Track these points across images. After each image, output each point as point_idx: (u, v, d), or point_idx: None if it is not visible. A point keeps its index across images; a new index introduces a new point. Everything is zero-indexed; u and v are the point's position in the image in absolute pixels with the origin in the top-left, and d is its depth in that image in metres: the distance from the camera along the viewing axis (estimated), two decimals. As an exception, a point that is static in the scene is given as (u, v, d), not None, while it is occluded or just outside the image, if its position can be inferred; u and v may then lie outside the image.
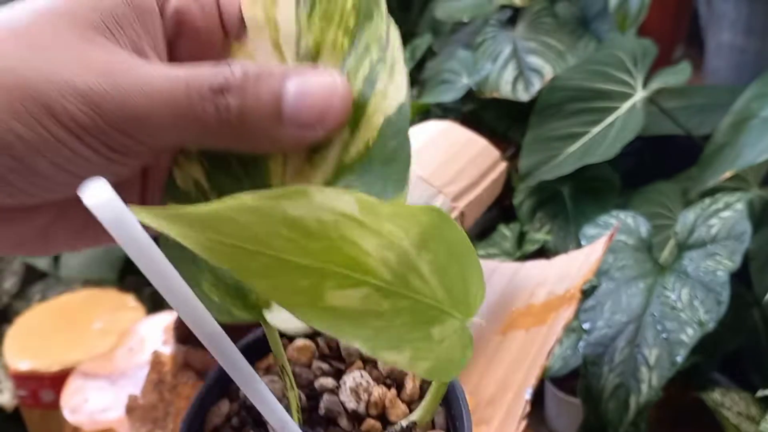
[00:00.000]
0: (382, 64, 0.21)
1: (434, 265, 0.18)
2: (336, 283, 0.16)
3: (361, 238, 0.17)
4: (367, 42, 0.22)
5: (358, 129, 0.21)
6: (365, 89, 0.21)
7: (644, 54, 1.04)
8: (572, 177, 1.07)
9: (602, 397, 0.76)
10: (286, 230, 0.16)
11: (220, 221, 0.15)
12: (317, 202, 0.16)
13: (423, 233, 0.17)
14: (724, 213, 0.82)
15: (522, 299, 0.71)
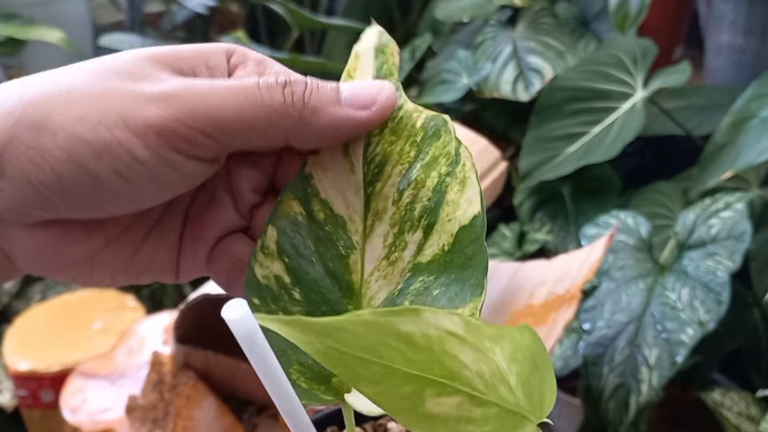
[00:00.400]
0: (451, 178, 0.23)
1: (520, 376, 0.20)
2: (435, 391, 0.18)
3: (461, 353, 0.18)
4: (435, 155, 0.24)
5: (431, 233, 0.23)
6: (436, 198, 0.23)
7: (644, 54, 1.04)
8: (572, 177, 1.07)
9: (602, 397, 0.76)
10: (395, 342, 0.18)
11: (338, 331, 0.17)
12: (426, 320, 0.18)
13: (515, 349, 0.20)
14: (724, 213, 0.82)
15: (522, 299, 0.71)
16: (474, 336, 0.19)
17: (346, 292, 0.24)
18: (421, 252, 0.23)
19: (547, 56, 1.12)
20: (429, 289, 0.22)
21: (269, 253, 0.24)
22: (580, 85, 1.06)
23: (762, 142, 0.83)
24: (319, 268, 0.24)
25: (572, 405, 0.95)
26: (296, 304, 0.24)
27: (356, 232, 0.24)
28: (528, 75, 1.11)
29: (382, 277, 0.24)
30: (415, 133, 0.24)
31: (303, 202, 0.25)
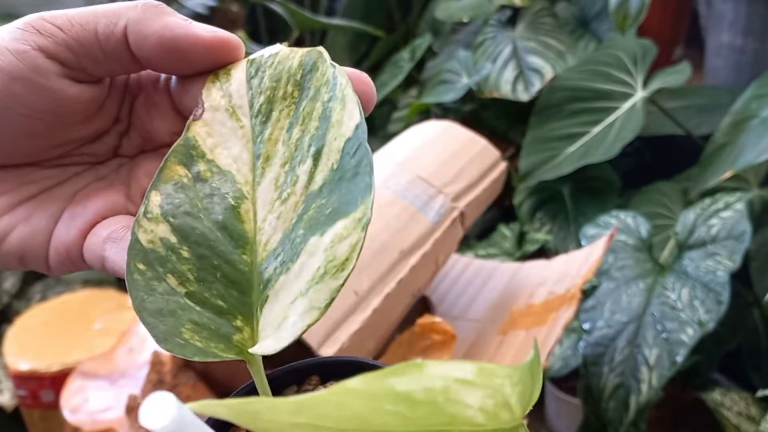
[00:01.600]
0: (333, 101, 0.24)
1: (521, 395, 0.19)
2: None
3: (467, 396, 0.17)
4: (316, 87, 0.24)
5: (320, 158, 0.23)
6: (322, 124, 0.24)
7: (644, 54, 1.04)
8: (572, 177, 1.07)
9: (602, 397, 0.76)
10: (391, 405, 0.16)
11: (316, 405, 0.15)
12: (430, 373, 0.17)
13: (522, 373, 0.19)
14: (724, 213, 0.82)
15: (522, 299, 0.71)
16: (486, 378, 0.17)
17: (239, 241, 0.24)
18: (312, 180, 0.23)
19: (547, 56, 1.12)
20: (321, 210, 0.22)
21: (153, 217, 0.24)
22: (580, 85, 1.06)
23: (762, 142, 0.83)
24: (208, 223, 0.24)
25: (572, 405, 0.95)
26: (185, 263, 0.24)
27: (246, 183, 0.25)
28: (528, 75, 1.11)
29: (276, 218, 0.24)
30: (294, 73, 0.25)
31: (188, 165, 0.25)
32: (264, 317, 0.23)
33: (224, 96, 0.26)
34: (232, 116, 0.25)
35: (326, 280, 0.22)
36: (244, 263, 0.24)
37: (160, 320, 0.23)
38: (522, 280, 0.75)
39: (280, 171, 0.24)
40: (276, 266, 0.23)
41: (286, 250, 0.23)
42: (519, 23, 1.19)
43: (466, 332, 0.68)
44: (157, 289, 0.23)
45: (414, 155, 0.66)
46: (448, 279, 0.77)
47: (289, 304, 0.22)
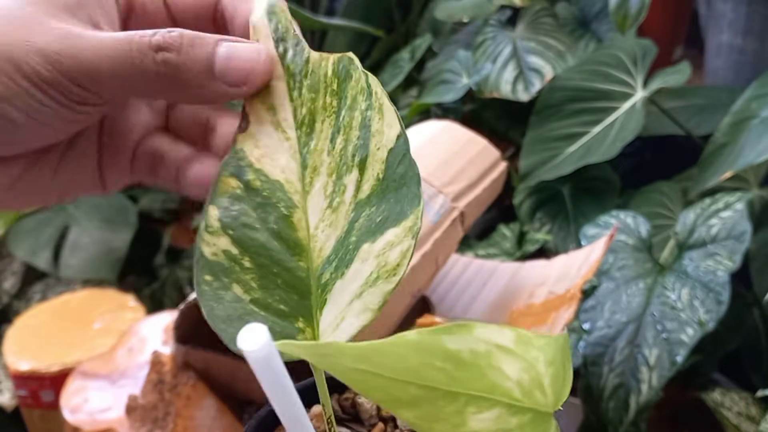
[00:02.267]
0: (371, 110, 0.25)
1: (553, 377, 0.20)
2: (476, 407, 0.18)
3: (506, 364, 0.18)
4: (353, 96, 0.25)
5: (366, 168, 0.25)
6: (363, 134, 0.25)
7: (644, 54, 1.04)
8: (572, 177, 1.07)
9: (602, 397, 0.76)
10: (441, 361, 0.17)
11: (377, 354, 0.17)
12: (476, 336, 0.18)
13: (554, 353, 0.20)
14: (724, 213, 0.82)
15: (522, 299, 0.71)
16: (523, 348, 0.19)
17: (295, 249, 0.25)
18: (360, 189, 0.24)
19: (547, 56, 1.12)
20: (372, 218, 0.24)
21: (214, 231, 0.25)
22: (580, 85, 1.06)
23: (762, 142, 0.83)
24: (264, 232, 0.25)
25: (572, 404, 0.95)
26: (248, 272, 0.25)
27: (296, 192, 0.25)
28: (528, 75, 1.11)
29: (327, 226, 0.25)
30: (330, 83, 0.26)
31: (238, 177, 0.26)
32: (324, 318, 0.24)
33: (269, 109, 0.26)
34: (277, 129, 0.26)
35: (379, 284, 0.23)
36: (301, 269, 0.25)
37: (230, 325, 0.24)
38: (522, 280, 0.75)
39: (328, 180, 0.25)
40: (331, 271, 0.24)
41: (340, 257, 0.24)
42: (519, 23, 1.19)
43: (466, 332, 0.68)
44: (224, 298, 0.24)
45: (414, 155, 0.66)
46: (448, 279, 0.77)
47: (346, 306, 0.23)
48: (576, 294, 0.64)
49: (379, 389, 0.16)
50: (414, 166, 0.25)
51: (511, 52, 1.14)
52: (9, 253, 1.22)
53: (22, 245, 1.20)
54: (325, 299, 0.24)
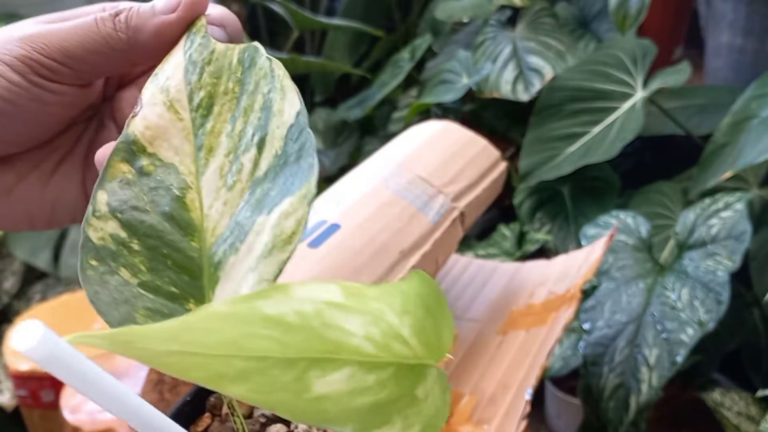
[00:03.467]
0: (273, 92, 0.25)
1: (414, 326, 0.18)
2: (321, 370, 0.16)
3: (345, 321, 0.17)
4: (256, 81, 0.26)
5: (264, 147, 0.25)
6: (264, 115, 0.25)
7: (644, 54, 1.04)
8: (572, 177, 1.07)
9: (602, 397, 0.76)
10: (264, 329, 0.16)
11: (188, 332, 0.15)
12: (299, 297, 0.17)
13: (405, 301, 0.18)
14: (724, 213, 0.82)
15: (522, 299, 0.71)
16: (357, 300, 0.17)
17: (187, 230, 0.25)
18: (258, 167, 0.24)
19: (546, 56, 1.12)
20: (268, 193, 0.24)
21: (101, 216, 0.25)
22: (579, 85, 1.06)
23: (762, 142, 0.83)
24: (155, 215, 0.25)
25: (572, 405, 0.95)
26: (136, 255, 0.25)
27: (189, 173, 0.26)
28: (528, 75, 1.11)
29: (223, 204, 0.25)
30: (235, 70, 0.27)
31: (130, 162, 0.26)
32: (217, 297, 0.24)
33: (162, 91, 0.27)
34: (170, 109, 0.27)
35: (274, 254, 0.22)
36: (193, 250, 0.25)
37: (114, 309, 0.24)
38: (522, 280, 0.75)
39: (225, 160, 0.25)
40: (225, 249, 0.24)
41: (235, 233, 0.24)
42: (519, 23, 1.19)
43: (466, 332, 0.68)
44: (110, 282, 0.24)
45: (414, 155, 0.66)
46: (448, 279, 0.78)
47: (240, 281, 0.23)
48: (576, 294, 0.64)
49: (199, 368, 0.15)
50: (310, 138, 0.24)
51: (511, 52, 1.14)
52: (9, 253, 1.22)
53: (22, 245, 1.20)
54: (218, 277, 0.23)
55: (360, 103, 1.31)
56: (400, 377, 0.17)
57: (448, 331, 0.19)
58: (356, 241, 0.55)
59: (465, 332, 0.67)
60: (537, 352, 0.62)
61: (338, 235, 0.55)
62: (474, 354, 0.65)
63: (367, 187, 0.61)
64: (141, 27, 0.29)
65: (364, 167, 0.66)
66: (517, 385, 0.59)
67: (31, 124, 0.30)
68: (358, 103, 1.31)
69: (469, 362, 0.64)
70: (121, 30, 0.29)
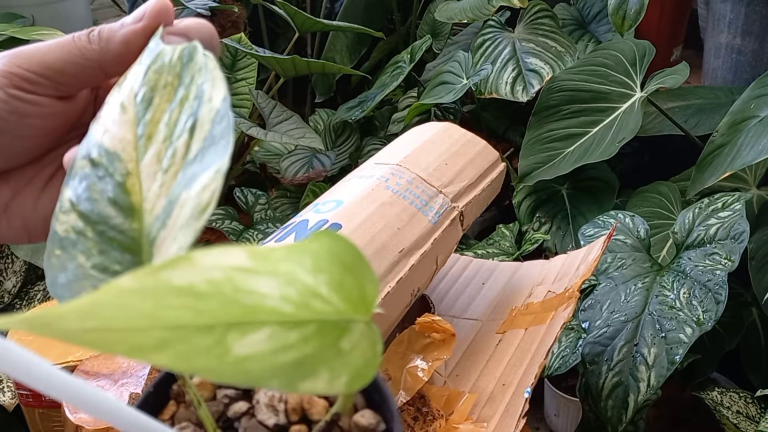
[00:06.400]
0: (206, 83, 0.28)
1: (332, 283, 0.19)
2: (239, 333, 0.16)
3: (258, 284, 0.17)
4: (192, 74, 0.29)
5: (195, 131, 0.27)
6: (197, 104, 0.28)
7: (643, 55, 1.04)
8: (571, 177, 1.07)
9: (601, 396, 0.77)
10: (176, 299, 0.16)
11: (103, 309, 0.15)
12: (204, 265, 0.17)
13: (317, 260, 0.19)
14: (722, 213, 0.82)
15: (521, 298, 0.71)
16: (265, 263, 0.18)
17: (128, 212, 0.27)
18: (189, 150, 0.27)
19: (545, 57, 1.12)
20: (194, 172, 0.26)
21: (66, 210, 0.28)
22: (578, 86, 1.07)
23: (760, 142, 0.83)
24: (103, 202, 0.28)
25: (571, 403, 0.95)
26: (90, 242, 0.27)
27: (131, 160, 0.28)
28: (527, 76, 1.11)
29: (159, 186, 0.27)
30: (174, 65, 0.29)
31: (87, 156, 0.28)
32: None
33: (118, 93, 0.30)
34: (121, 108, 0.30)
35: (191, 223, 0.24)
36: (134, 230, 0.27)
37: (68, 289, 0.26)
38: (521, 279, 0.75)
39: (162, 146, 0.28)
40: (158, 225, 0.26)
41: (166, 210, 0.26)
42: (518, 24, 1.19)
43: (466, 331, 0.68)
44: (68, 267, 0.26)
45: (414, 155, 0.66)
46: (448, 278, 0.78)
47: (165, 253, 0.25)
48: (574, 293, 0.65)
49: (119, 343, 0.15)
50: (230, 120, 0.26)
51: (510, 53, 1.15)
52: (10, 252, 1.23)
53: (23, 246, 1.20)
54: (152, 252, 0.26)
55: (360, 104, 1.31)
56: (323, 333, 0.18)
57: (371, 285, 0.20)
58: (356, 240, 0.55)
59: (464, 331, 0.68)
60: (536, 351, 0.62)
61: (338, 235, 0.55)
62: (473, 353, 0.65)
63: (368, 187, 0.61)
64: (111, 38, 0.32)
65: (365, 168, 0.66)
66: (516, 384, 0.60)
67: (11, 137, 0.32)
68: (358, 104, 1.32)
69: (468, 361, 0.64)
70: (94, 42, 0.32)
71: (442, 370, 0.62)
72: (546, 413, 1.03)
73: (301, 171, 1.23)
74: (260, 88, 1.31)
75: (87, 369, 0.77)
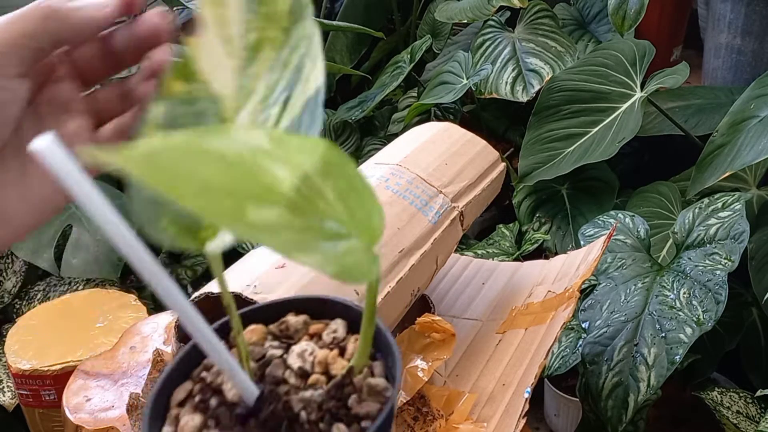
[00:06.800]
0: (307, 57, 0.27)
1: (337, 192, 0.21)
2: (254, 203, 0.19)
3: (274, 167, 0.20)
4: (298, 38, 0.27)
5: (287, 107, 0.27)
6: (294, 76, 0.27)
7: (643, 55, 1.04)
8: (571, 177, 1.07)
9: (601, 396, 0.77)
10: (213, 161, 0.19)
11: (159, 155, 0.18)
12: (235, 138, 0.20)
13: (325, 163, 0.21)
14: (722, 213, 0.82)
15: (521, 298, 0.71)
16: (281, 149, 0.20)
17: None
18: (279, 122, 0.26)
19: (545, 57, 1.12)
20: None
21: (155, 126, 0.27)
22: (578, 86, 1.07)
23: (760, 142, 0.83)
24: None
25: (571, 403, 0.95)
26: None
27: (229, 108, 0.28)
28: (527, 76, 1.11)
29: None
30: (282, 19, 0.28)
31: (186, 82, 0.28)
32: None
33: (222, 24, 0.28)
34: (226, 43, 0.28)
35: None
36: None
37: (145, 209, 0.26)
38: (521, 279, 0.75)
39: (258, 106, 0.27)
40: None
41: None
42: (518, 24, 1.19)
43: (466, 331, 0.68)
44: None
45: (414, 155, 0.67)
46: (448, 278, 0.78)
47: None
48: (574, 293, 0.65)
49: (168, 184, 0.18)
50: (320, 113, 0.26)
51: (510, 53, 1.15)
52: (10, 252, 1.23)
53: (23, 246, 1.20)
54: None
55: (360, 104, 1.31)
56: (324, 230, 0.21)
57: (378, 216, 0.22)
58: (356, 240, 0.55)
59: (464, 331, 0.68)
60: (536, 351, 0.62)
61: (338, 235, 0.55)
62: (473, 353, 0.65)
63: (367, 187, 0.61)
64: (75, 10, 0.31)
65: (365, 168, 0.66)
66: (516, 384, 0.60)
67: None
68: (358, 104, 1.32)
69: (468, 361, 0.64)
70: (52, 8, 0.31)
71: (442, 370, 0.62)
72: (546, 413, 1.03)
73: (301, 171, 1.23)
74: (260, 88, 1.31)
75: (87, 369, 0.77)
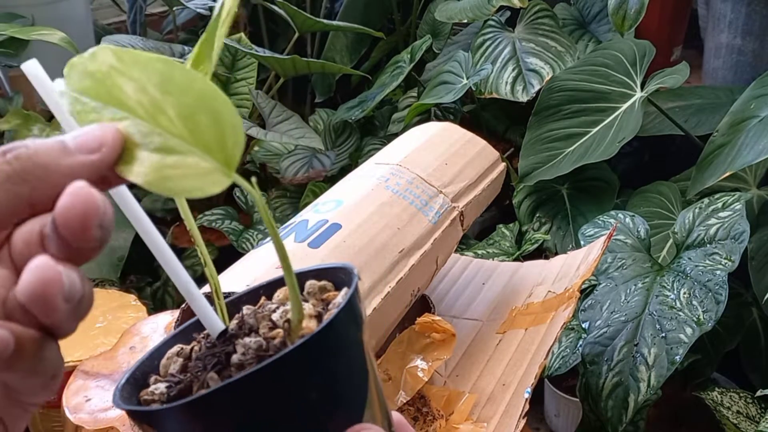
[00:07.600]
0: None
1: (180, 110, 0.22)
2: (111, 117, 0.23)
3: (123, 84, 0.23)
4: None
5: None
6: None
7: (643, 55, 1.04)
8: (571, 177, 1.07)
9: (601, 396, 0.77)
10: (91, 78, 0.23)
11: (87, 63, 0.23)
12: (99, 59, 0.23)
13: (163, 81, 0.23)
14: (722, 213, 0.82)
15: (521, 298, 0.71)
16: (125, 66, 0.23)
17: None
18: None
19: (545, 57, 1.12)
20: None
21: None
22: (578, 86, 1.07)
23: (760, 142, 0.83)
24: None
25: (571, 403, 0.95)
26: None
27: None
28: (527, 76, 1.11)
29: None
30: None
31: None
32: None
33: None
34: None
35: None
36: None
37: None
38: (521, 279, 0.75)
39: None
40: None
41: None
42: (518, 24, 1.19)
43: (466, 331, 0.68)
44: None
45: (414, 156, 0.66)
46: (448, 278, 0.78)
47: None
48: (575, 293, 0.65)
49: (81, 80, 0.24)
50: None
51: (510, 53, 1.15)
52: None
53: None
54: None
55: (360, 104, 1.31)
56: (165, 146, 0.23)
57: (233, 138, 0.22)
58: (357, 240, 0.55)
59: (464, 331, 0.68)
60: (536, 351, 0.62)
61: (339, 235, 0.55)
62: (473, 353, 0.65)
63: (368, 187, 0.61)
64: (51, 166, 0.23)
65: (365, 168, 0.66)
66: (516, 384, 0.60)
67: None
68: (358, 104, 1.32)
69: (468, 361, 0.64)
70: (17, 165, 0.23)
71: (442, 370, 0.62)
72: (546, 413, 1.03)
73: (301, 171, 1.23)
74: (260, 88, 1.31)
75: (87, 369, 0.77)
